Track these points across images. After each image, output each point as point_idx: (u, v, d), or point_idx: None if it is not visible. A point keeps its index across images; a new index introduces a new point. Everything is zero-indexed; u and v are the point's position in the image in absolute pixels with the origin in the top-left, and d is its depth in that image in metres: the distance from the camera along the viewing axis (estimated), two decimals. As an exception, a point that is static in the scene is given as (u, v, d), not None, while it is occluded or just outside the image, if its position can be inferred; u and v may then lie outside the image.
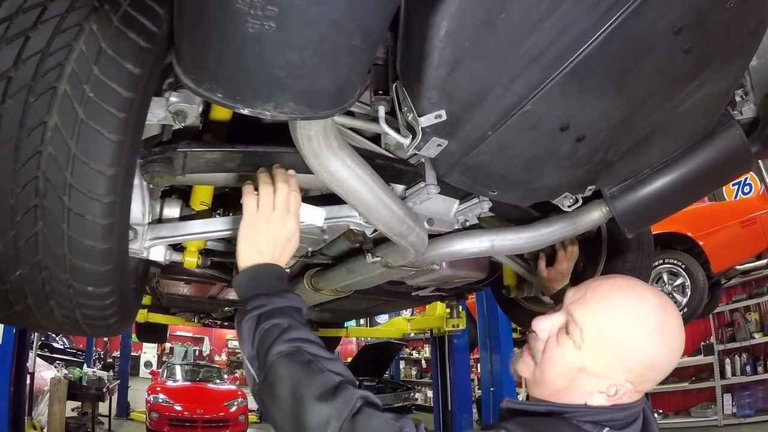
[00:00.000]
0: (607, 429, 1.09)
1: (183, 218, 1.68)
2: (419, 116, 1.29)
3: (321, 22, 0.93)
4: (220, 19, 0.92)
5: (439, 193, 1.71)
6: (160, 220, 1.66)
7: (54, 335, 17.06)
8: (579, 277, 2.66)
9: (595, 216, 2.04)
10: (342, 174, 1.34)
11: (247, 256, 1.31)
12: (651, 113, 1.54)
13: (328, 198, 1.80)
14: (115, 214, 1.20)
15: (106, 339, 18.37)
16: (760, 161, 9.50)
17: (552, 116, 1.37)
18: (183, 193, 1.83)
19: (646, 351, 1.11)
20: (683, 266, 6.10)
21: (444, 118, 1.29)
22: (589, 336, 1.13)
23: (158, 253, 1.63)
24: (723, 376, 8.87)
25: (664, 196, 1.92)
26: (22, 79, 1.08)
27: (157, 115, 1.32)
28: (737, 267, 6.92)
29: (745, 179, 9.80)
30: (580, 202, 1.94)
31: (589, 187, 1.89)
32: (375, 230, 1.81)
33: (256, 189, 1.33)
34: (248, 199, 1.33)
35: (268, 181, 1.34)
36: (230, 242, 2.16)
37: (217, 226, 1.63)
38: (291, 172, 1.40)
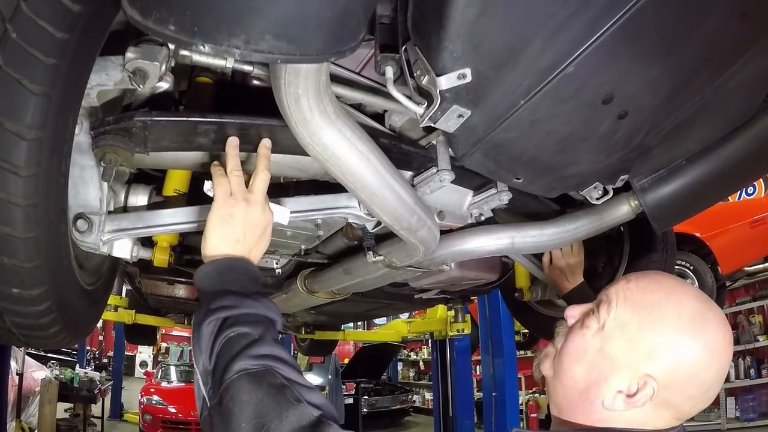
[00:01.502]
0: None
1: (150, 207, 1.43)
2: (438, 76, 1.03)
3: None
4: None
5: (452, 182, 1.48)
6: (124, 210, 1.41)
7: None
8: (598, 278, 2.49)
9: (624, 210, 1.84)
10: (339, 148, 1.08)
11: (216, 245, 1.10)
12: (698, 90, 1.35)
13: (320, 185, 1.56)
14: (39, 193, 0.96)
15: (101, 338, 18.28)
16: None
17: (595, 84, 1.15)
18: (158, 181, 1.57)
19: (676, 341, 0.94)
20: (691, 267, 6.03)
21: (468, 79, 1.03)
22: (615, 313, 0.99)
23: (123, 249, 1.38)
24: (726, 379, 8.63)
25: (699, 189, 1.74)
26: None
27: (114, 77, 1.08)
28: (745, 268, 6.78)
29: (748, 179, 9.71)
30: (611, 193, 1.74)
31: (621, 177, 1.69)
32: (378, 224, 1.54)
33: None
34: (220, 181, 1.15)
35: (235, 163, 1.17)
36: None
37: (188, 216, 1.37)
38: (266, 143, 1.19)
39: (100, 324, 18.21)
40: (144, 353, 21.80)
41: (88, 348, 16.30)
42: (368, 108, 1.46)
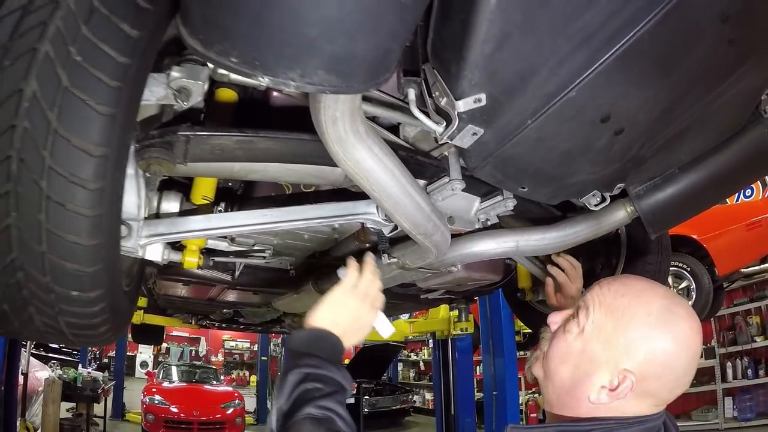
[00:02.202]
0: None
1: (183, 213, 1.53)
2: (456, 100, 1.16)
3: None
4: None
5: (461, 190, 1.60)
6: (157, 216, 1.51)
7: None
8: (596, 279, 2.57)
9: (620, 215, 1.95)
10: (368, 163, 1.20)
11: (322, 318, 1.26)
12: (689, 107, 1.46)
13: (340, 193, 1.68)
14: (104, 204, 1.03)
15: (101, 339, 18.32)
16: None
17: (595, 105, 1.27)
18: (183, 187, 1.67)
19: (647, 336, 1.04)
20: (688, 269, 6.11)
21: (483, 102, 1.16)
22: (593, 317, 1.10)
23: (155, 252, 1.47)
24: (724, 379, 8.86)
25: (691, 195, 1.85)
26: None
27: (156, 93, 1.18)
28: (742, 270, 6.84)
29: (747, 182, 9.75)
30: (608, 200, 1.85)
31: (618, 185, 1.80)
32: (394, 228, 1.67)
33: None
34: (351, 270, 1.35)
35: (373, 269, 1.38)
36: (233, 240, 2.04)
37: (220, 222, 1.49)
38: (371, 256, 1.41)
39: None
40: (144, 353, 21.79)
41: (89, 348, 16.31)
42: (383, 120, 1.58)
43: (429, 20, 1.15)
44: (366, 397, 12.69)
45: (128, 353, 17.78)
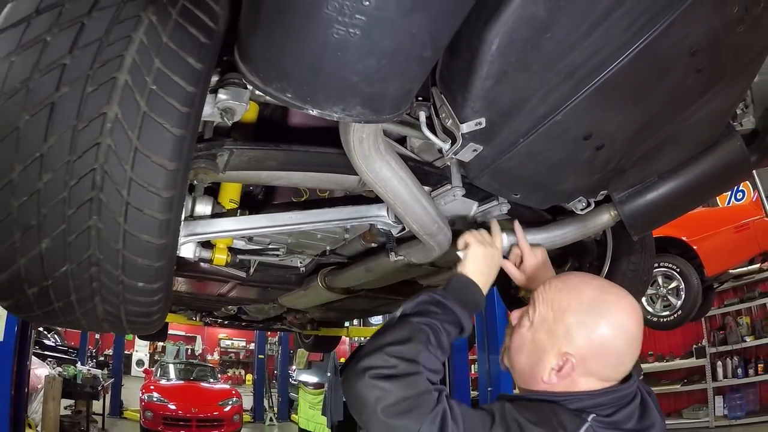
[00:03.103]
0: (593, 416, 1.14)
1: (215, 216, 1.71)
2: (461, 123, 1.36)
3: (402, 33, 0.97)
4: (305, 22, 0.95)
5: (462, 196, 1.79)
6: (192, 217, 1.67)
7: (46, 332, 16.94)
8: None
9: (605, 219, 2.11)
10: (386, 175, 1.42)
11: (470, 271, 1.45)
12: (663, 125, 1.65)
13: (354, 198, 1.88)
14: (173, 210, 1.18)
15: (98, 336, 18.27)
16: (753, 170, 9.68)
17: (578, 126, 1.46)
18: (211, 191, 1.84)
19: (582, 323, 1.20)
20: (678, 270, 6.22)
21: (483, 125, 1.37)
22: (539, 311, 1.26)
23: (188, 250, 1.66)
24: (715, 378, 8.87)
25: (669, 201, 2.01)
26: (79, 67, 1.04)
27: (205, 112, 1.30)
28: (731, 271, 6.97)
29: (738, 186, 9.90)
30: (593, 205, 2.03)
31: (602, 192, 1.97)
32: (402, 229, 1.88)
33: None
34: (474, 238, 1.51)
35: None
36: (251, 240, 2.22)
37: (249, 224, 1.68)
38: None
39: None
40: (140, 352, 21.66)
41: (87, 346, 16.33)
42: (393, 132, 1.75)
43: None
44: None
45: (125, 352, 17.76)
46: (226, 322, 6.47)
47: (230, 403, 12.68)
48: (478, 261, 1.46)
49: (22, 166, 1.05)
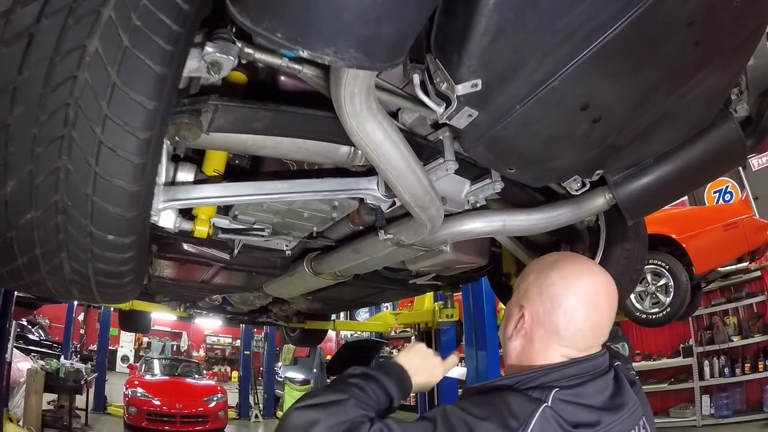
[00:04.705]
0: (556, 390, 1.10)
1: (198, 182, 1.64)
2: (456, 84, 1.31)
3: None
4: None
5: (454, 172, 1.73)
6: (173, 183, 1.61)
7: (30, 326, 16.81)
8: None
9: (599, 202, 2.09)
10: (377, 136, 1.35)
11: (403, 362, 1.39)
12: (660, 101, 1.62)
13: (342, 172, 1.80)
14: (149, 154, 1.12)
15: (82, 331, 18.15)
16: (740, 170, 9.79)
17: (575, 94, 1.43)
18: (195, 162, 1.76)
19: (536, 277, 1.26)
20: (667, 267, 6.19)
21: (479, 87, 1.31)
22: (516, 287, 1.33)
23: (168, 219, 1.59)
24: (702, 377, 8.89)
25: (664, 184, 2.00)
26: (62, 0, 1.02)
27: (190, 66, 1.24)
28: (719, 269, 6.99)
29: (726, 187, 10.04)
30: (587, 186, 1.99)
31: (597, 172, 1.94)
32: (392, 205, 1.81)
33: None
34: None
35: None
36: (235, 218, 2.15)
37: (233, 191, 1.60)
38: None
39: (81, 317, 18.16)
40: (125, 348, 21.62)
41: (71, 341, 16.18)
42: (385, 106, 1.69)
43: (433, 18, 1.30)
44: (349, 392, 12.66)
45: (110, 347, 17.63)
46: (210, 315, 6.41)
47: (215, 399, 12.56)
48: (415, 357, 1.43)
49: None
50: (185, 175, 1.63)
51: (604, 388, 1.17)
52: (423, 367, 1.41)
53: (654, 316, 6.27)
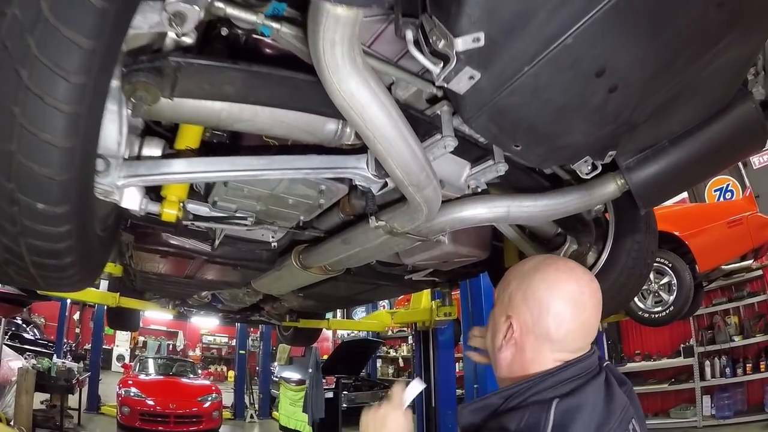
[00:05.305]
0: (557, 401, 1.08)
1: (165, 156, 1.47)
2: (456, 37, 1.12)
3: None
4: None
5: (452, 151, 1.56)
6: (137, 158, 1.44)
7: (25, 325, 16.70)
8: (584, 260, 2.58)
9: (611, 188, 1.94)
10: (363, 97, 1.15)
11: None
12: (680, 70, 1.47)
13: (329, 150, 1.62)
14: (84, 103, 0.97)
15: (78, 330, 18.04)
16: (741, 167, 9.69)
17: (590, 56, 1.26)
18: (167, 139, 1.59)
19: (519, 284, 1.21)
20: (670, 265, 6.09)
21: (481, 42, 1.13)
22: (498, 293, 1.29)
23: (133, 199, 1.42)
24: (702, 377, 8.85)
25: (681, 169, 1.86)
26: None
27: (150, 20, 1.10)
28: (723, 267, 6.87)
29: (727, 185, 9.94)
30: (599, 169, 1.84)
31: (610, 153, 1.78)
32: (384, 186, 1.61)
33: None
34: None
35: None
36: (215, 205, 1.98)
37: (204, 166, 1.42)
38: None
39: (77, 317, 18.05)
40: (121, 347, 21.48)
41: (65, 341, 16.06)
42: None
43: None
44: (344, 392, 12.59)
45: (105, 347, 17.52)
46: (201, 313, 6.28)
47: (209, 399, 12.42)
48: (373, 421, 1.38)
49: None
50: (152, 150, 1.46)
51: (598, 391, 1.15)
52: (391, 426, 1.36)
53: (657, 315, 6.18)
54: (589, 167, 1.80)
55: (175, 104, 1.31)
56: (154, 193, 1.62)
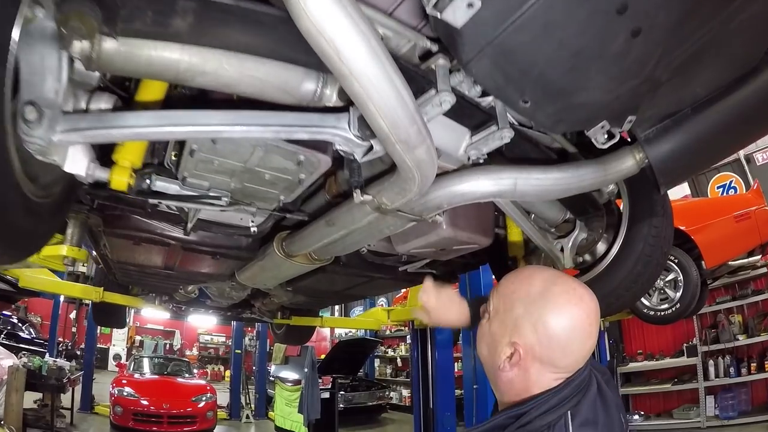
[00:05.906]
0: (569, 415, 1.13)
1: (111, 110, 1.29)
2: None
3: None
4: None
5: (449, 116, 1.34)
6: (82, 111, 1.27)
7: (20, 324, 16.56)
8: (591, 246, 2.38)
9: (629, 163, 1.75)
10: (337, 20, 0.90)
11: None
12: (708, 18, 1.31)
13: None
14: None
15: (74, 329, 17.89)
16: (745, 164, 9.54)
17: None
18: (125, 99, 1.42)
19: (528, 312, 1.20)
20: (676, 261, 5.95)
21: None
22: (493, 304, 1.29)
23: (78, 163, 1.23)
24: (706, 377, 8.74)
25: (706, 140, 1.68)
26: None
27: None
28: (730, 263, 6.71)
29: (731, 182, 9.88)
30: (617, 137, 1.63)
31: (629, 118, 1.59)
32: (369, 150, 1.36)
33: None
34: None
35: None
36: (184, 181, 1.76)
37: (157, 120, 1.21)
38: None
39: (73, 315, 17.86)
40: (117, 346, 21.42)
41: (60, 339, 15.88)
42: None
43: None
44: (342, 392, 12.45)
45: (101, 346, 17.39)
46: (191, 310, 6.09)
47: (204, 398, 12.28)
48: None
49: None
50: (101, 105, 1.29)
51: (596, 400, 1.20)
52: None
53: (663, 313, 6.03)
54: (606, 136, 1.58)
55: (126, 53, 1.12)
56: (107, 158, 1.42)
